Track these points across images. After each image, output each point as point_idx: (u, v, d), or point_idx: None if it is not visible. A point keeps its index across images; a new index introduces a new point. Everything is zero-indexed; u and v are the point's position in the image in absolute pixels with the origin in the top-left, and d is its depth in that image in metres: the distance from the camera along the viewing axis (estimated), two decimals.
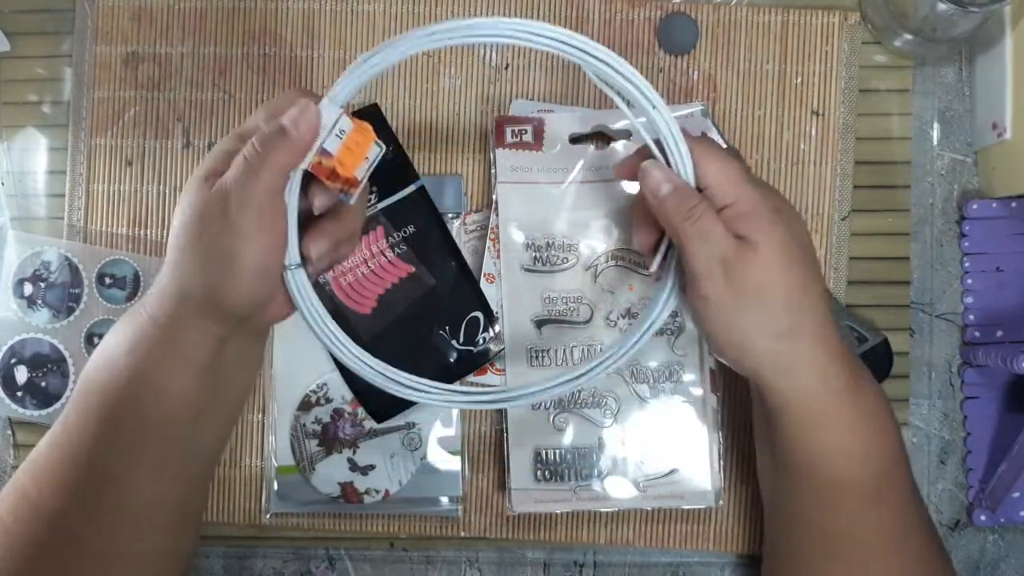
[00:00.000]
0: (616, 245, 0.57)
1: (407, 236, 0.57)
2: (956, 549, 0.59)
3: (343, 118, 0.44)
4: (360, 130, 0.45)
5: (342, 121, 0.44)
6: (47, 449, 0.47)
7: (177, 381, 0.46)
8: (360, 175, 0.45)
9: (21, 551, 0.45)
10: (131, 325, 0.46)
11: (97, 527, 0.46)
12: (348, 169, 0.45)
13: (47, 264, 0.59)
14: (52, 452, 0.47)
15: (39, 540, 0.45)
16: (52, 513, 0.45)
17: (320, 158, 0.44)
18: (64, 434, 0.47)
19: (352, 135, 0.44)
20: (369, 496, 0.57)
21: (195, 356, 0.46)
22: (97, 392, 0.46)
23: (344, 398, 0.58)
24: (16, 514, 0.46)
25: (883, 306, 0.59)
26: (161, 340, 0.45)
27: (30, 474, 0.47)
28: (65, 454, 0.46)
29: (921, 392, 0.59)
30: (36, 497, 0.46)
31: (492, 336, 0.57)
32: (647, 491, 0.56)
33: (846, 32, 0.58)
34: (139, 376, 0.45)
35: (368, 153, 0.45)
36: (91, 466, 0.46)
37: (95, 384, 0.46)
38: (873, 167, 0.59)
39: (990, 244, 0.59)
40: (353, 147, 0.44)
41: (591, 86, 0.59)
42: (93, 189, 0.60)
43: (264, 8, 0.60)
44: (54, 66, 0.61)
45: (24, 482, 0.47)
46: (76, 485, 0.46)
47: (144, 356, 0.45)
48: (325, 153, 0.44)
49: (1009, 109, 0.55)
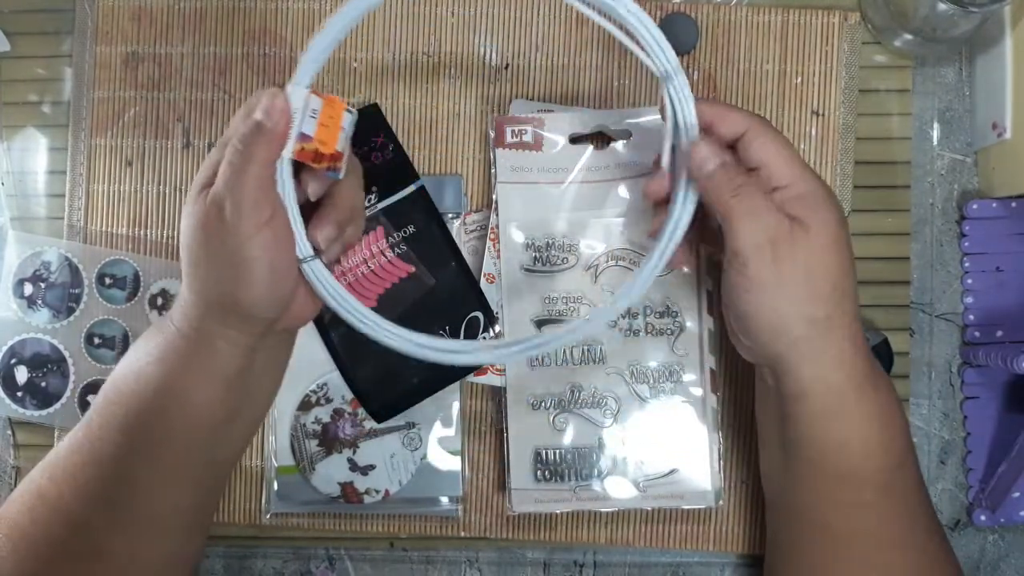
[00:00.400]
0: (616, 245, 0.57)
1: (407, 236, 0.57)
2: (956, 549, 0.58)
3: (312, 97, 0.44)
4: (329, 103, 0.45)
5: (311, 101, 0.44)
6: (68, 453, 0.47)
7: (204, 392, 0.46)
8: (341, 147, 0.45)
9: (38, 552, 0.45)
10: (159, 336, 0.46)
11: (117, 531, 0.46)
12: (329, 145, 0.44)
13: (47, 264, 0.59)
14: (73, 457, 0.46)
15: (56, 542, 0.45)
16: (72, 516, 0.46)
17: (301, 144, 0.44)
18: (87, 440, 0.46)
19: (324, 111, 0.44)
20: (369, 496, 0.57)
21: (224, 368, 0.46)
22: (123, 402, 0.46)
23: (344, 398, 0.58)
24: (33, 516, 0.46)
25: (883, 306, 0.59)
26: (188, 352, 0.45)
27: (49, 477, 0.47)
28: (88, 460, 0.46)
29: (921, 392, 0.59)
30: (55, 499, 0.46)
31: (492, 336, 0.57)
32: (647, 491, 0.56)
33: (846, 32, 0.58)
34: (166, 387, 0.45)
35: (342, 122, 0.45)
36: (115, 473, 0.46)
37: (122, 394, 0.46)
38: (873, 167, 0.59)
39: (990, 244, 0.59)
40: (327, 122, 0.44)
41: (591, 86, 0.59)
42: (93, 189, 0.60)
43: (264, 8, 0.60)
44: (54, 66, 0.61)
45: (43, 484, 0.47)
46: (99, 490, 0.46)
47: (172, 367, 0.45)
48: (304, 137, 0.44)
49: (1009, 109, 0.55)
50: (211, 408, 0.46)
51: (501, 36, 0.59)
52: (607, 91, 0.59)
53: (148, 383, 0.45)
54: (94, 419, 0.47)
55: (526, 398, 0.56)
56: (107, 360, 0.59)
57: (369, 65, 0.60)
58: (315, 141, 0.44)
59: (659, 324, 0.56)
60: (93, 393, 0.59)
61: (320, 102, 0.44)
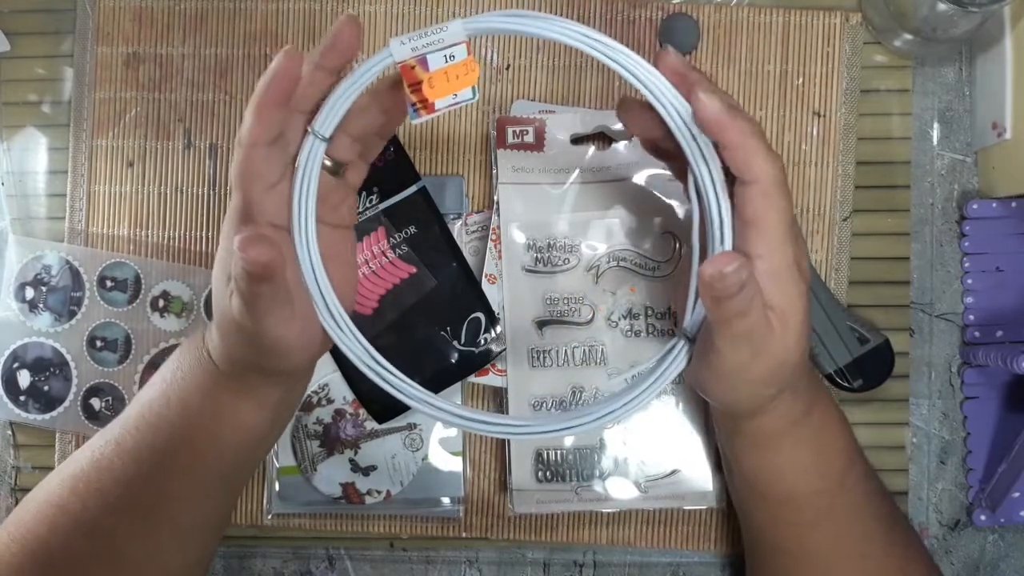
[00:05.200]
0: (617, 246, 0.57)
1: (408, 237, 0.57)
2: (956, 549, 0.59)
3: (461, 47, 0.41)
4: (467, 66, 0.41)
5: (459, 50, 0.41)
6: (94, 469, 0.46)
7: (251, 417, 0.46)
8: (440, 106, 0.42)
9: (57, 561, 0.45)
10: (195, 364, 0.46)
11: (142, 543, 0.46)
12: (434, 92, 0.41)
13: (48, 268, 0.59)
14: (102, 474, 0.46)
15: (78, 553, 0.46)
16: (96, 528, 0.46)
17: (416, 63, 0.40)
18: (118, 459, 0.46)
19: (458, 66, 0.41)
20: (371, 497, 0.57)
21: (266, 398, 0.46)
22: (157, 424, 0.46)
23: (345, 399, 0.58)
24: (53, 527, 0.46)
25: (883, 306, 0.59)
26: (234, 388, 0.45)
27: (70, 489, 0.46)
28: (119, 478, 0.46)
29: (921, 392, 0.59)
30: (79, 512, 0.46)
31: (493, 337, 0.57)
32: (648, 492, 0.56)
33: (847, 33, 0.58)
34: (202, 418, 0.45)
35: (459, 92, 0.41)
36: (146, 491, 0.46)
37: (162, 419, 0.46)
38: (873, 167, 0.59)
39: (990, 244, 0.59)
40: (452, 77, 0.41)
41: (592, 87, 0.59)
42: (94, 190, 0.60)
43: (265, 9, 0.60)
44: (54, 66, 0.61)
45: (64, 497, 0.46)
46: (128, 506, 0.46)
47: (219, 397, 0.45)
48: (423, 63, 0.40)
49: (1009, 109, 0.55)
50: (257, 430, 0.46)
51: (502, 37, 0.59)
52: (608, 92, 0.59)
53: (184, 410, 0.45)
54: (126, 439, 0.46)
55: (527, 399, 0.56)
56: (109, 363, 0.59)
57: None
58: (428, 75, 0.41)
59: (660, 325, 0.56)
60: (95, 396, 0.59)
61: (464, 57, 0.41)
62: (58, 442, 0.59)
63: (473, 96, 0.41)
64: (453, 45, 0.40)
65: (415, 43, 0.40)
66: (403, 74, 0.41)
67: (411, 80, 0.41)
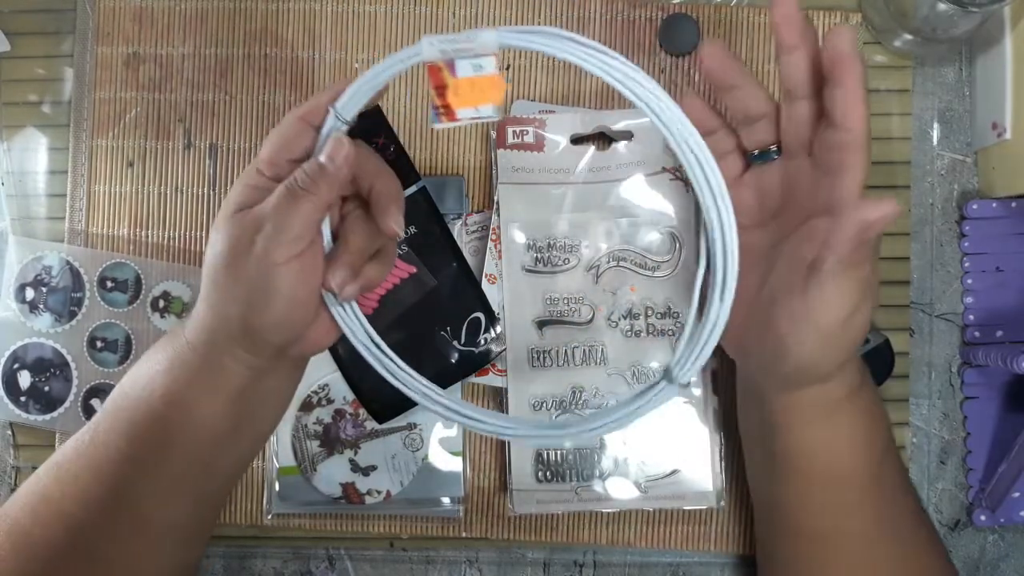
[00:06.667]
0: (617, 246, 0.57)
1: (409, 237, 0.57)
2: (956, 549, 0.59)
3: (490, 59, 0.41)
4: (494, 82, 0.41)
5: (488, 62, 0.41)
6: (74, 455, 0.47)
7: (206, 406, 0.45)
8: (462, 116, 0.42)
9: (39, 554, 0.45)
10: (170, 346, 0.46)
11: (112, 540, 0.46)
12: (458, 101, 0.41)
13: (48, 268, 0.59)
14: (79, 460, 0.46)
15: (57, 545, 0.45)
16: (71, 519, 0.46)
17: (444, 66, 0.41)
18: (92, 445, 0.46)
19: (485, 79, 0.41)
20: (371, 497, 0.57)
21: (227, 384, 0.45)
22: (129, 407, 0.46)
23: (345, 399, 0.58)
24: (35, 516, 0.46)
25: (883, 306, 0.59)
26: (196, 365, 0.45)
27: (54, 477, 0.47)
28: (90, 464, 0.46)
29: (921, 392, 0.59)
30: (58, 500, 0.46)
31: (493, 337, 0.57)
32: (648, 492, 0.56)
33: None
34: (170, 397, 0.45)
35: (482, 108, 0.41)
36: (113, 481, 0.46)
37: (128, 400, 0.46)
38: (873, 167, 0.58)
39: (990, 244, 0.59)
40: (478, 89, 0.41)
41: (592, 87, 0.59)
42: (94, 190, 0.60)
43: (265, 9, 0.60)
44: (54, 66, 0.61)
45: (47, 484, 0.47)
46: (96, 497, 0.46)
47: (178, 378, 0.45)
48: (451, 68, 0.41)
49: (1009, 109, 0.55)
50: (213, 421, 0.46)
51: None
52: (608, 92, 0.59)
53: (154, 392, 0.45)
54: (101, 423, 0.47)
55: (527, 399, 0.56)
56: (110, 364, 0.59)
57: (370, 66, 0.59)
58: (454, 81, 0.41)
59: (660, 325, 0.56)
60: (96, 397, 0.59)
61: (493, 71, 0.41)
62: (58, 443, 0.59)
63: (495, 115, 0.42)
64: (482, 56, 0.40)
65: (445, 46, 0.40)
66: (430, 74, 0.41)
67: (437, 82, 0.41)
